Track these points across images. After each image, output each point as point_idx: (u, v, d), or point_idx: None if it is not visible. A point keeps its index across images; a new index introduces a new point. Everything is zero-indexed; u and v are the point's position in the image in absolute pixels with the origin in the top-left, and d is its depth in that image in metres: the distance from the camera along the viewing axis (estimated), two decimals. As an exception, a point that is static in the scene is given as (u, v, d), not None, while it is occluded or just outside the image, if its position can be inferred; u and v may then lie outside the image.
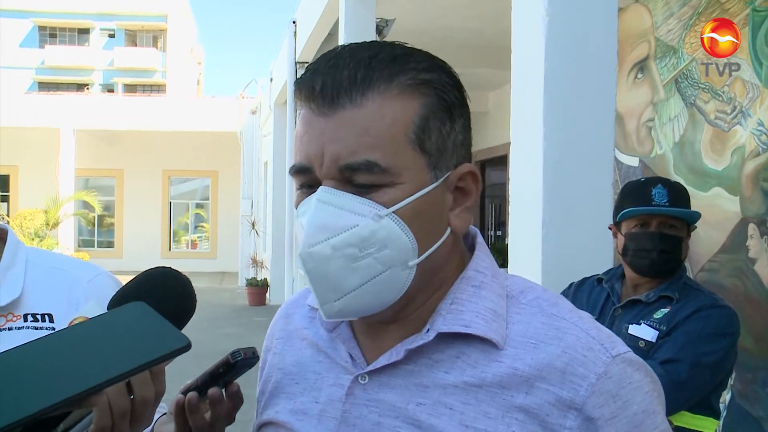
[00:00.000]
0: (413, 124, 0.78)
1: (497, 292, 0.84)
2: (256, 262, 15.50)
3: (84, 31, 37.89)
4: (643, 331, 2.12)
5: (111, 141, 21.57)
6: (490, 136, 10.10)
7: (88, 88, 34.41)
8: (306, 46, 9.76)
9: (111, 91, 36.06)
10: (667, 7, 4.17)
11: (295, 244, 0.83)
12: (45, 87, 33.40)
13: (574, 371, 0.77)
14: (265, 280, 14.32)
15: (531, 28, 2.63)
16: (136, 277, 0.92)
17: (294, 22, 10.78)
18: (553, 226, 2.52)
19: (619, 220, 2.29)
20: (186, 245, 24.43)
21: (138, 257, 20.42)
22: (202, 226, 24.13)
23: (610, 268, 2.42)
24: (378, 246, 0.77)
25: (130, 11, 37.28)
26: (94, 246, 23.27)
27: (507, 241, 3.80)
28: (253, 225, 16.53)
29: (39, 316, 1.26)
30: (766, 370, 3.38)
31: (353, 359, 0.86)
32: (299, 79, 0.81)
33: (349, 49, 0.80)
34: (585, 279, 2.41)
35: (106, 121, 19.41)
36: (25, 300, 1.27)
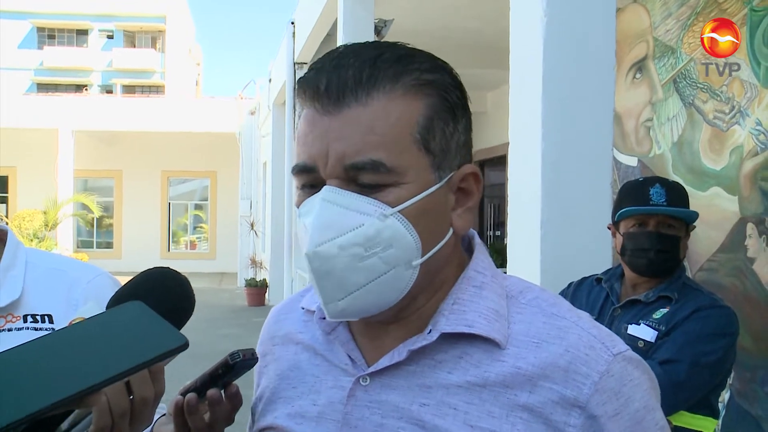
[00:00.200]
0: (418, 124, 0.78)
1: (498, 292, 0.84)
2: (255, 263, 15.48)
3: (82, 32, 37.88)
4: (643, 332, 2.12)
5: (110, 142, 21.56)
6: (488, 136, 10.09)
7: (86, 89, 34.43)
8: (305, 47, 9.75)
9: (110, 92, 36.09)
10: (666, 7, 4.17)
11: (294, 245, 0.83)
12: (44, 88, 33.40)
13: (577, 369, 0.77)
14: (264, 280, 14.32)
15: (529, 29, 2.63)
16: (135, 278, 0.92)
17: (292, 23, 10.76)
18: (552, 225, 2.52)
19: (617, 219, 2.30)
20: (185, 246, 24.41)
21: (137, 258, 20.42)
22: (201, 227, 24.11)
23: (609, 268, 2.42)
24: (383, 245, 0.77)
25: (128, 12, 37.29)
26: (93, 247, 23.27)
27: (506, 241, 3.80)
28: (252, 225, 16.53)
29: (39, 317, 1.26)
30: (764, 369, 3.38)
31: (353, 361, 0.86)
32: (302, 78, 0.81)
33: (352, 49, 0.80)
34: (584, 279, 2.42)
35: (105, 122, 19.39)
36: (25, 301, 1.28)
